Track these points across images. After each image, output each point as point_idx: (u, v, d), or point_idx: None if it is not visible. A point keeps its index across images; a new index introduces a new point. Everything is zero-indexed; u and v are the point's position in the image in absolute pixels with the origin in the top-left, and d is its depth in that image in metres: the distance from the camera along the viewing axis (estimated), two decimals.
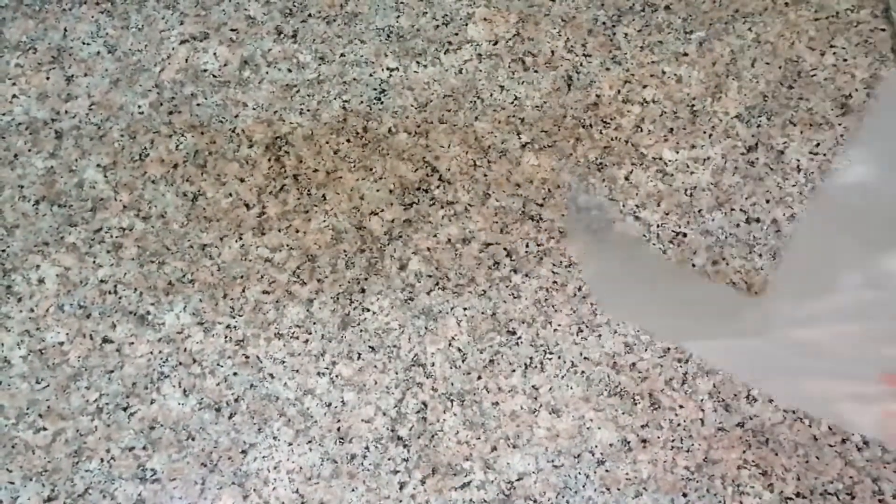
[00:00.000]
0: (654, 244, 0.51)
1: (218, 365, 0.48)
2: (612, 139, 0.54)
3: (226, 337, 0.48)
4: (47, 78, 0.55)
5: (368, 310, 0.49)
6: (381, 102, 0.54)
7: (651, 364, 0.48)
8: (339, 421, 0.47)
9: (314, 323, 0.49)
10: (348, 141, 0.53)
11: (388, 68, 0.55)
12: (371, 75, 0.55)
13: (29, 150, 0.53)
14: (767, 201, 0.51)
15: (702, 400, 0.47)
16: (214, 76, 0.55)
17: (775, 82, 0.54)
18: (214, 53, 0.55)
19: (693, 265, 0.50)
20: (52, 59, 0.55)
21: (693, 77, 0.56)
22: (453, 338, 0.48)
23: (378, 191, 0.52)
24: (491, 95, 0.55)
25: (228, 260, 0.50)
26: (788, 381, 0.32)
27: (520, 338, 0.49)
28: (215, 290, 0.49)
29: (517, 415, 0.47)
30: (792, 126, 0.53)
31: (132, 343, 0.48)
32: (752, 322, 0.30)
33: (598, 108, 0.55)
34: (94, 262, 0.50)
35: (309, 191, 0.52)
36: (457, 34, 0.56)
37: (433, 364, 0.48)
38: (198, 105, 0.54)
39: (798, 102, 0.54)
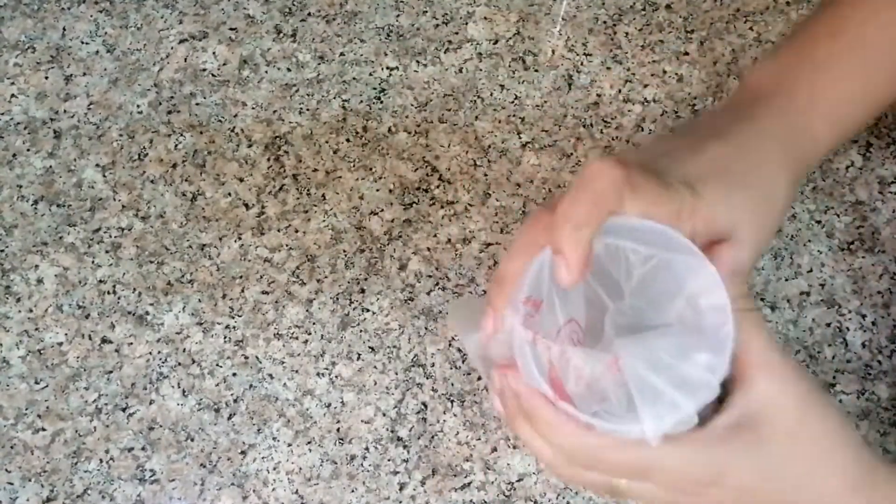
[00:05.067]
0: None
1: (217, 365, 0.48)
2: (612, 139, 0.53)
3: (225, 337, 0.48)
4: (46, 77, 0.55)
5: (368, 310, 0.49)
6: (381, 102, 0.54)
7: None
8: (338, 422, 0.47)
9: (314, 323, 0.49)
10: (348, 140, 0.53)
11: (387, 67, 0.55)
12: (371, 74, 0.55)
13: (27, 150, 0.53)
14: None
15: None
16: (213, 75, 0.55)
17: None
18: (213, 53, 0.55)
19: None
20: (50, 58, 0.55)
21: (694, 76, 0.55)
22: (453, 338, 0.48)
23: (378, 190, 0.52)
24: (491, 95, 0.55)
25: (227, 260, 0.50)
26: None
27: None
28: (214, 290, 0.49)
29: None
30: None
31: (131, 343, 0.48)
32: None
33: (599, 107, 0.54)
34: (92, 262, 0.50)
35: (308, 190, 0.52)
36: (457, 33, 0.56)
37: (433, 364, 0.48)
38: (197, 104, 0.54)
39: None
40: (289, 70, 0.55)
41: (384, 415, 0.47)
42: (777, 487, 0.36)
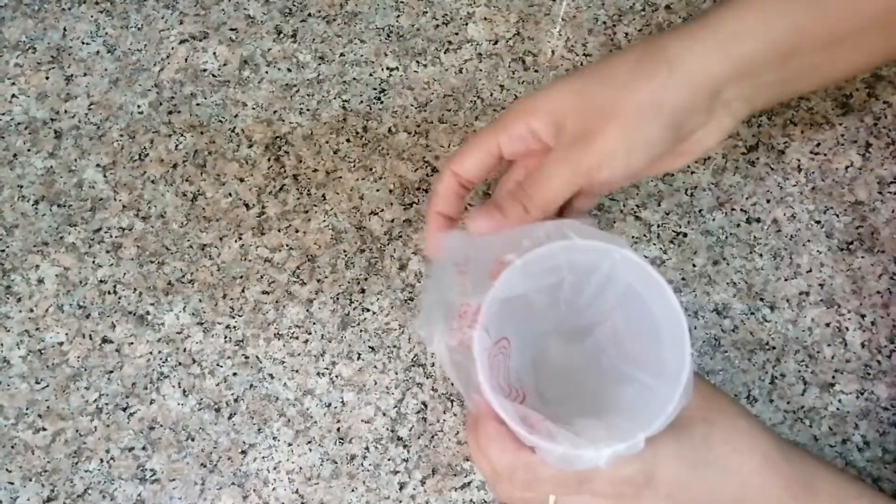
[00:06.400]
0: (654, 244, 0.50)
1: (217, 365, 0.48)
2: None
3: (225, 337, 0.48)
4: (46, 77, 0.55)
5: (368, 310, 0.49)
6: (381, 102, 0.54)
7: None
8: (338, 421, 0.47)
9: (314, 323, 0.49)
10: (348, 141, 0.53)
11: (387, 68, 0.55)
12: (371, 75, 0.55)
13: (28, 150, 0.53)
14: (768, 201, 0.51)
15: None
16: (214, 76, 0.55)
17: None
18: (214, 53, 0.55)
19: (693, 265, 0.50)
20: (51, 58, 0.55)
21: None
22: None
23: (378, 191, 0.52)
24: (491, 95, 0.55)
25: (228, 260, 0.50)
26: None
27: None
28: (215, 290, 0.49)
29: None
30: (793, 126, 0.53)
31: (132, 343, 0.48)
32: None
33: None
34: (93, 262, 0.50)
35: (309, 191, 0.52)
36: (457, 34, 0.56)
37: (433, 364, 0.48)
38: (197, 105, 0.54)
39: (798, 102, 0.54)
40: (289, 70, 0.55)
41: (384, 414, 0.47)
42: (704, 475, 0.37)
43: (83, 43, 0.56)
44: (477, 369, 0.36)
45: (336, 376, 0.48)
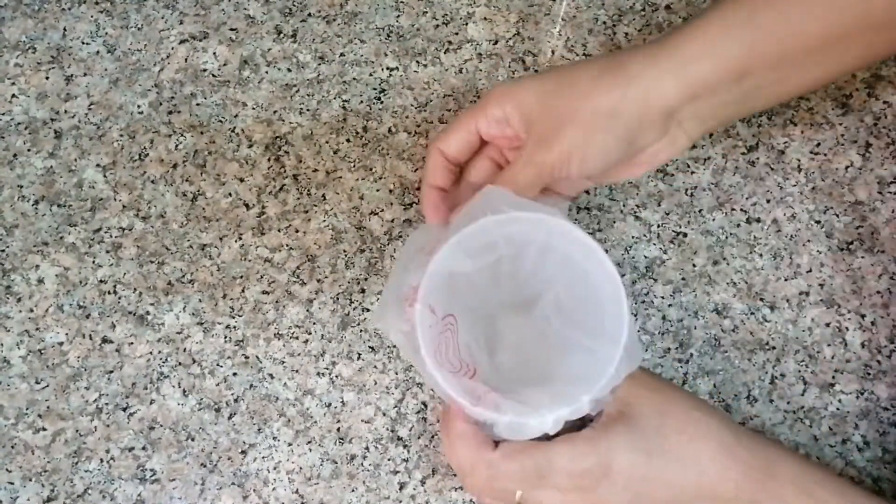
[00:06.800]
0: (654, 244, 0.51)
1: (217, 365, 0.48)
2: None
3: (225, 337, 0.48)
4: (46, 77, 0.55)
5: (368, 310, 0.49)
6: (381, 102, 0.54)
7: (651, 365, 0.48)
8: (338, 421, 0.47)
9: (314, 323, 0.49)
10: (348, 141, 0.53)
11: (387, 68, 0.55)
12: (371, 75, 0.55)
13: (28, 150, 0.53)
14: (768, 201, 0.51)
15: None
16: (214, 76, 0.55)
17: None
18: (214, 53, 0.55)
19: (693, 265, 0.50)
20: (51, 58, 0.55)
21: None
22: None
23: (378, 191, 0.52)
24: None
25: (228, 260, 0.50)
26: None
27: None
28: (215, 290, 0.49)
29: None
30: (792, 126, 0.53)
31: (132, 343, 0.48)
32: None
33: None
34: (93, 262, 0.50)
35: (309, 191, 0.52)
36: (457, 34, 0.56)
37: None
38: (197, 105, 0.54)
39: (798, 102, 0.54)
40: (289, 70, 0.55)
41: (384, 414, 0.47)
42: (660, 464, 0.38)
43: (83, 43, 0.56)
44: (419, 345, 0.38)
45: (336, 376, 0.48)
